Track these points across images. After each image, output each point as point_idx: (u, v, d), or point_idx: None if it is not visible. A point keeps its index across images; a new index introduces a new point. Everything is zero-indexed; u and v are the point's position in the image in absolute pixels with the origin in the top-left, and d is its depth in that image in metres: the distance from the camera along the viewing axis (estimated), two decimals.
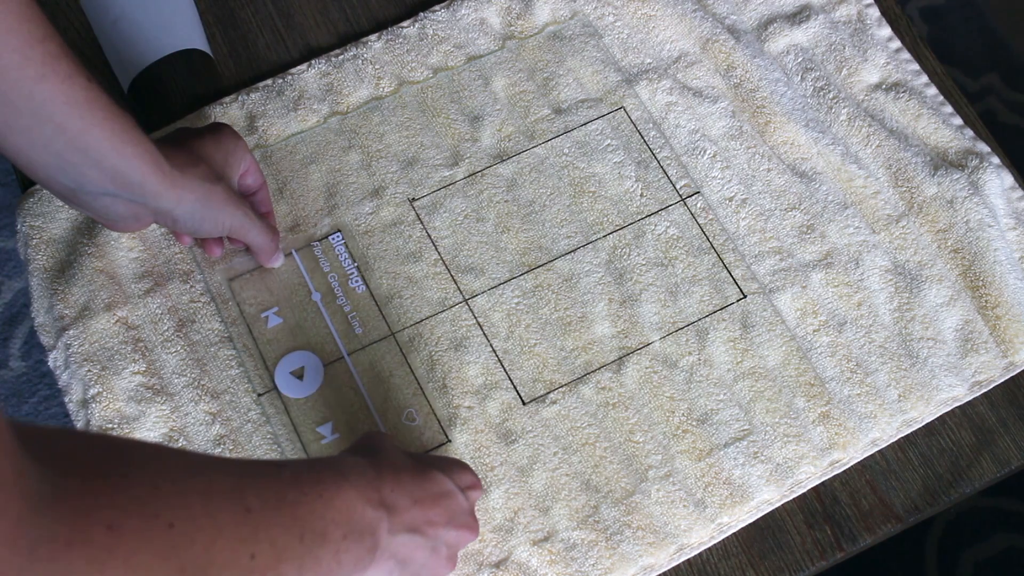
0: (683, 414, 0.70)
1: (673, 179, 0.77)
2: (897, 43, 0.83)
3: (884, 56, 0.82)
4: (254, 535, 0.44)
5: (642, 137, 0.78)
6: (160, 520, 0.39)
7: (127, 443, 0.42)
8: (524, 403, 0.71)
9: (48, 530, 0.34)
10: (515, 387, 0.71)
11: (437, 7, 0.82)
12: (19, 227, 0.76)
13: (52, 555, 0.34)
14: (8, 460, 0.33)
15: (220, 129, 0.69)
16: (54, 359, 0.72)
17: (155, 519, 0.38)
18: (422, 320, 0.72)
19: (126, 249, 0.74)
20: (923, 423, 0.71)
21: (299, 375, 0.71)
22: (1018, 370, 0.73)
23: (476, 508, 0.66)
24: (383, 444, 0.59)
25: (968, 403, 0.72)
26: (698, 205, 0.76)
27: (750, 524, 0.69)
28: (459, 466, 0.62)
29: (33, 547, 0.34)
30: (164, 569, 0.39)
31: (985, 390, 0.72)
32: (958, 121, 0.80)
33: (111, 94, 0.59)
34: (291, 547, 0.46)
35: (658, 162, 0.77)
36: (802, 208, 0.76)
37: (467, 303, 0.73)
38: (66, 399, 0.71)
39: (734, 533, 0.69)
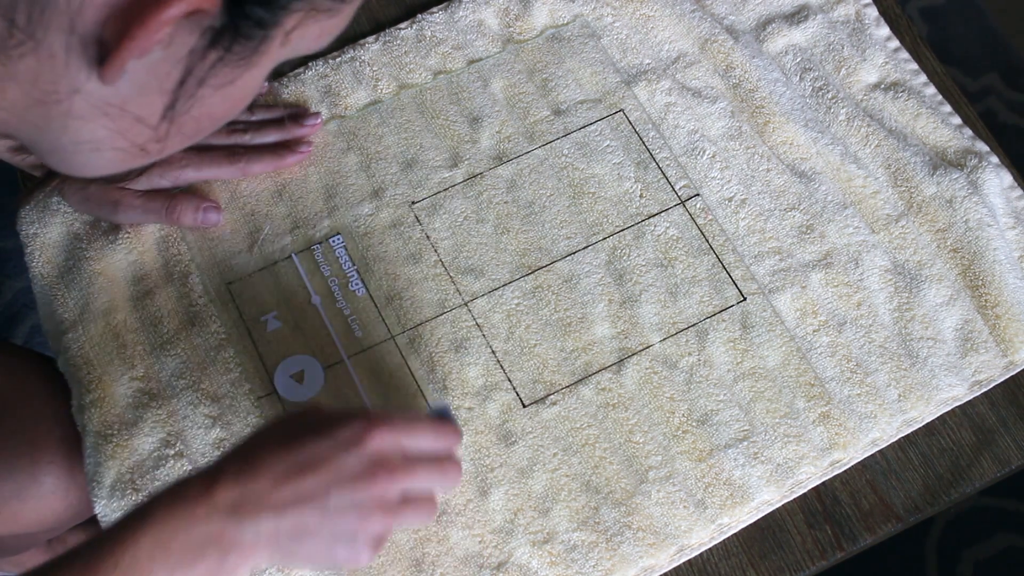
0: (683, 415, 0.70)
1: (672, 180, 0.77)
2: (896, 43, 0.83)
3: (883, 56, 0.82)
4: None
5: (641, 138, 0.78)
6: None
7: None
8: (524, 404, 0.71)
9: None
10: (515, 388, 0.71)
11: (435, 8, 0.82)
12: (19, 232, 0.76)
13: None
14: None
15: None
16: (60, 364, 0.72)
17: None
18: (422, 322, 0.72)
19: (124, 252, 0.74)
20: (923, 423, 0.71)
21: (299, 379, 0.71)
22: (1018, 369, 0.73)
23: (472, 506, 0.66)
24: (254, 439, 0.56)
25: (968, 403, 0.72)
26: (697, 206, 0.76)
27: (751, 524, 0.69)
28: (346, 416, 0.56)
29: None
30: None
31: (985, 390, 0.72)
32: (957, 120, 0.80)
33: None
34: None
35: (657, 163, 0.77)
36: (801, 208, 0.76)
37: (467, 305, 0.73)
38: None
39: (734, 533, 0.69)
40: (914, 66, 0.82)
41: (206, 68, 0.43)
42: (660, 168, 0.77)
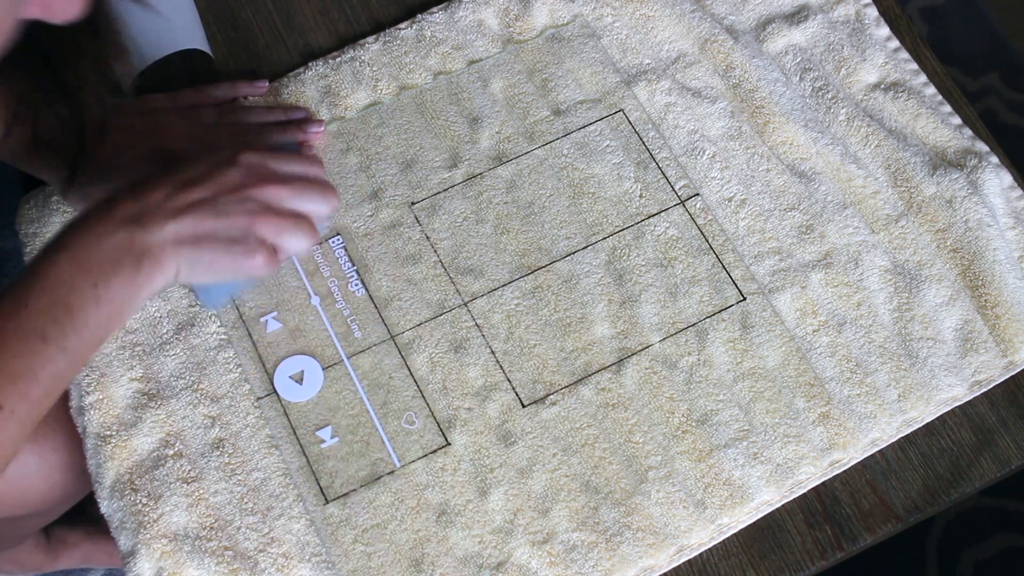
0: (683, 415, 0.70)
1: (672, 180, 0.77)
2: (895, 43, 0.83)
3: (883, 56, 0.82)
4: None
5: (641, 138, 0.78)
6: None
7: None
8: (524, 405, 0.71)
9: None
10: (514, 389, 0.71)
11: (435, 8, 0.82)
12: (18, 232, 0.76)
13: None
14: None
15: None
16: None
17: None
18: (422, 323, 0.72)
19: None
20: (923, 423, 0.71)
21: (299, 379, 0.71)
22: (1018, 369, 0.73)
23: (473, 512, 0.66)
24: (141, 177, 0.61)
25: (968, 403, 0.72)
26: (697, 206, 0.76)
27: (750, 524, 0.69)
28: (213, 152, 0.63)
29: None
30: None
31: (985, 390, 0.72)
32: (957, 120, 0.80)
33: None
34: (30, 353, 0.55)
35: (657, 163, 0.77)
36: (801, 208, 0.76)
37: (466, 305, 0.73)
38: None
39: (734, 533, 0.69)
40: (914, 66, 0.82)
41: None
42: (660, 168, 0.77)
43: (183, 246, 0.60)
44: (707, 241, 0.75)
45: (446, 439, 0.69)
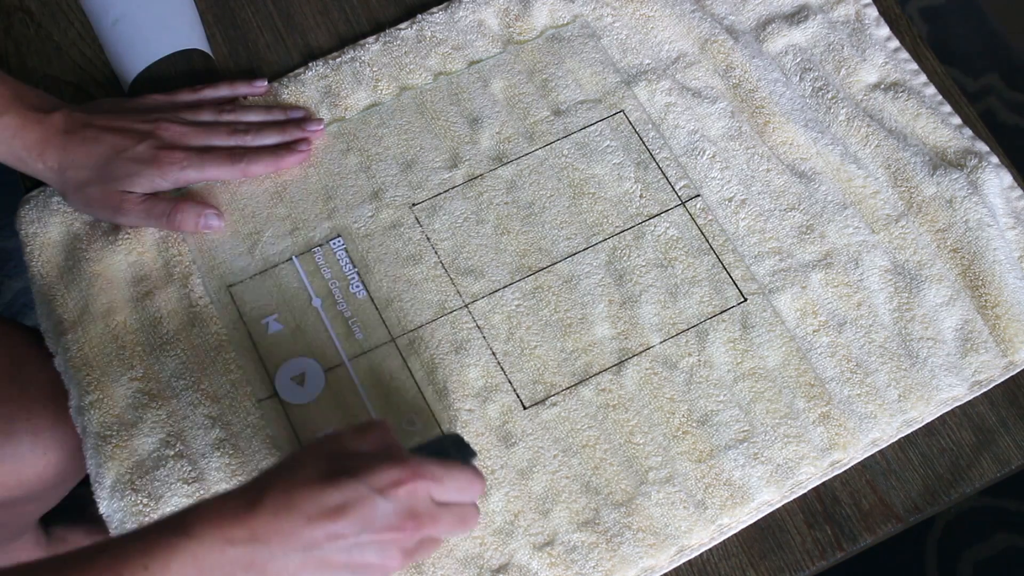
0: (683, 415, 0.70)
1: (672, 180, 0.77)
2: (895, 43, 0.83)
3: (883, 56, 0.82)
4: None
5: (641, 138, 0.78)
6: None
7: None
8: (524, 406, 0.71)
9: None
10: (515, 390, 0.71)
11: (435, 8, 0.82)
12: (18, 232, 0.76)
13: None
14: None
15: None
16: (58, 364, 0.72)
17: None
18: (422, 324, 0.72)
19: (124, 252, 0.74)
20: (923, 423, 0.71)
21: (300, 381, 0.71)
22: (1018, 369, 0.73)
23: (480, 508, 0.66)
24: (290, 462, 0.57)
25: (968, 403, 0.73)
26: (697, 206, 0.76)
27: (751, 524, 0.69)
28: (385, 462, 0.56)
29: None
30: None
31: (985, 390, 0.72)
32: (957, 120, 0.80)
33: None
34: None
35: (657, 163, 0.77)
36: (801, 208, 0.76)
37: (467, 306, 0.73)
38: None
39: (735, 533, 0.69)
40: (914, 66, 0.82)
41: None
42: (660, 168, 0.77)
43: (304, 572, 0.54)
44: (707, 241, 0.75)
45: None
